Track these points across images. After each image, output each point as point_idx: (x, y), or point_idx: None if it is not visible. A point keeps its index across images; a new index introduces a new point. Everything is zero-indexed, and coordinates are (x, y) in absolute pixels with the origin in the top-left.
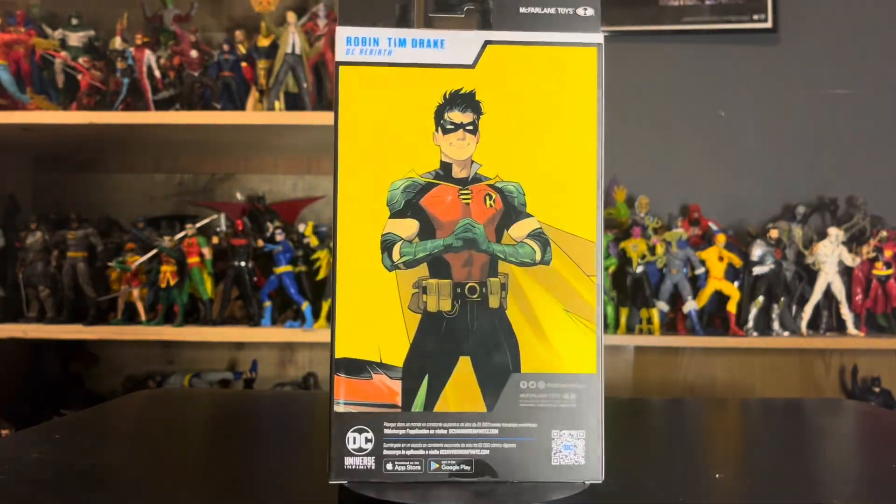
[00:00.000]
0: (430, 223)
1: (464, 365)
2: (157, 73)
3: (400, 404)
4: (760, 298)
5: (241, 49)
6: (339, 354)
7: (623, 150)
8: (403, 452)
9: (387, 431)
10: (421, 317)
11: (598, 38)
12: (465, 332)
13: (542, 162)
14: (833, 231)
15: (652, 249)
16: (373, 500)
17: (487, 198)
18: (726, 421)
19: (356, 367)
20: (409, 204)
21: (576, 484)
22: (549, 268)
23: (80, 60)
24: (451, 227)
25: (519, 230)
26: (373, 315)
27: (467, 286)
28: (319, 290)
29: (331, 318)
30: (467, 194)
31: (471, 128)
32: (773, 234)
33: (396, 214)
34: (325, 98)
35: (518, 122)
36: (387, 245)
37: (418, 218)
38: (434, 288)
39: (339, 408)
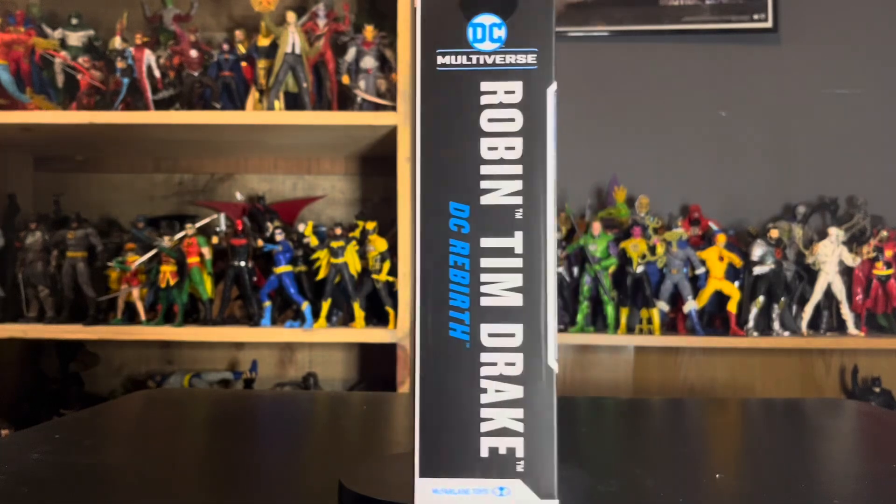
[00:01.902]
0: None
1: None
2: (157, 73)
3: None
4: (761, 298)
5: (241, 49)
6: None
7: (623, 150)
8: None
9: None
10: None
11: None
12: None
13: None
14: (833, 231)
15: (652, 249)
16: (372, 500)
17: None
18: (726, 421)
19: None
20: None
21: None
22: None
23: (80, 60)
24: None
25: None
26: None
27: None
28: (319, 290)
29: None
30: None
31: None
32: (774, 233)
33: None
34: (325, 98)
35: None
36: None
37: None
38: None
39: None
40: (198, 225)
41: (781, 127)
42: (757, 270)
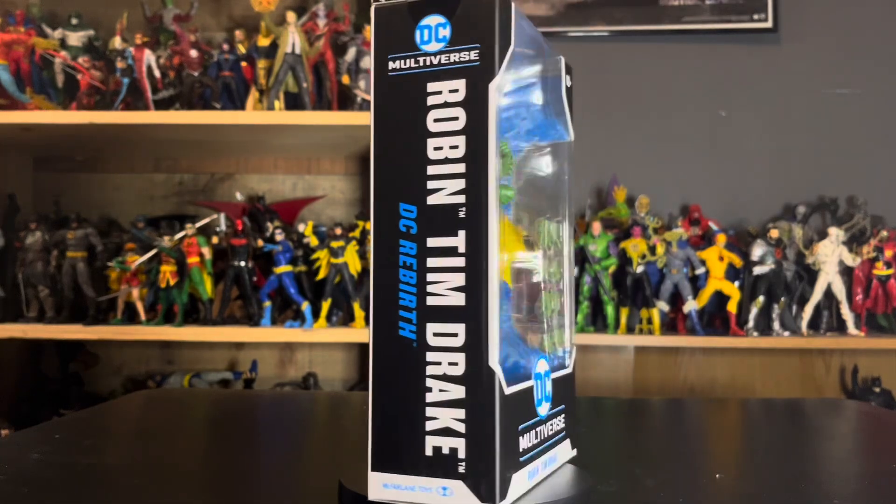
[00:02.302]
0: None
1: None
2: (157, 73)
3: None
4: (761, 298)
5: (241, 49)
6: None
7: (623, 150)
8: None
9: None
10: None
11: None
12: None
13: None
14: (833, 231)
15: (652, 249)
16: (372, 501)
17: None
18: (726, 421)
19: None
20: None
21: None
22: None
23: (80, 60)
24: None
25: None
26: None
27: None
28: (319, 290)
29: None
30: None
31: None
32: (774, 233)
33: None
34: (325, 98)
35: None
36: None
37: None
38: None
39: None
40: (198, 225)
41: (781, 127)
42: (757, 270)
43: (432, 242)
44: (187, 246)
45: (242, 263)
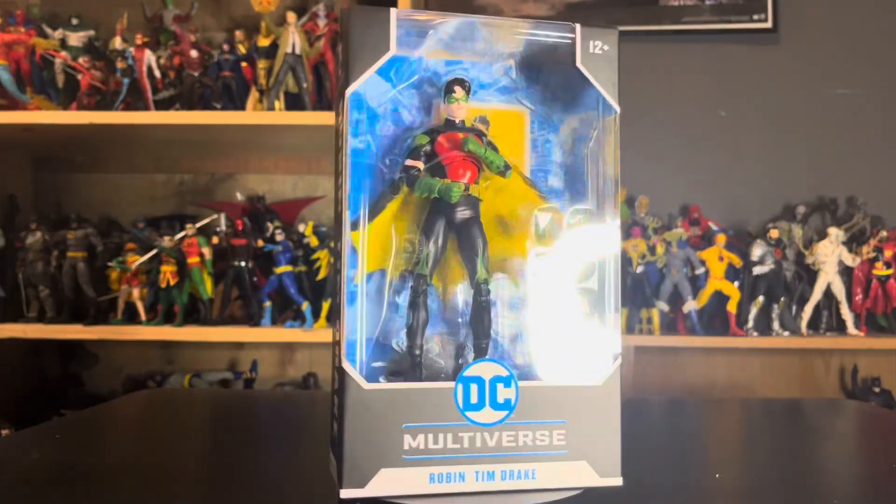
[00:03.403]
0: None
1: None
2: (157, 73)
3: None
4: (760, 298)
5: (241, 49)
6: None
7: (623, 150)
8: None
9: None
10: None
11: None
12: None
13: None
14: (833, 231)
15: (652, 249)
16: (372, 500)
17: None
18: (726, 421)
19: None
20: None
21: None
22: None
23: (80, 60)
24: None
25: None
26: None
27: None
28: (319, 290)
29: None
30: None
31: None
32: (774, 234)
33: None
34: (325, 98)
35: None
36: None
37: None
38: None
39: None
40: (198, 225)
41: (781, 127)
42: (757, 270)
43: (343, 250)
44: (187, 246)
45: (242, 263)
